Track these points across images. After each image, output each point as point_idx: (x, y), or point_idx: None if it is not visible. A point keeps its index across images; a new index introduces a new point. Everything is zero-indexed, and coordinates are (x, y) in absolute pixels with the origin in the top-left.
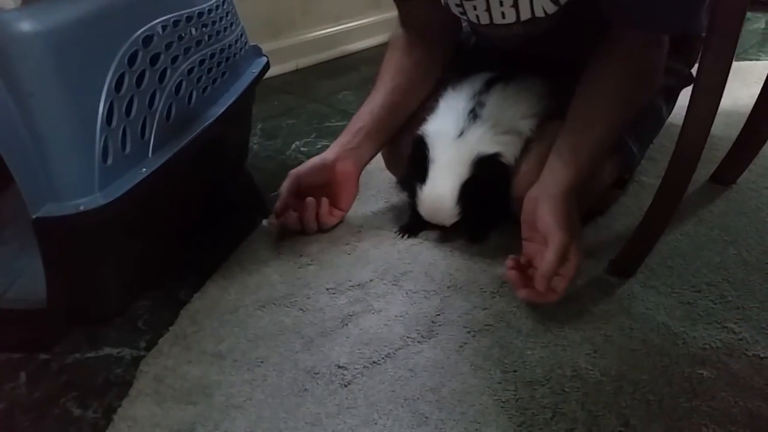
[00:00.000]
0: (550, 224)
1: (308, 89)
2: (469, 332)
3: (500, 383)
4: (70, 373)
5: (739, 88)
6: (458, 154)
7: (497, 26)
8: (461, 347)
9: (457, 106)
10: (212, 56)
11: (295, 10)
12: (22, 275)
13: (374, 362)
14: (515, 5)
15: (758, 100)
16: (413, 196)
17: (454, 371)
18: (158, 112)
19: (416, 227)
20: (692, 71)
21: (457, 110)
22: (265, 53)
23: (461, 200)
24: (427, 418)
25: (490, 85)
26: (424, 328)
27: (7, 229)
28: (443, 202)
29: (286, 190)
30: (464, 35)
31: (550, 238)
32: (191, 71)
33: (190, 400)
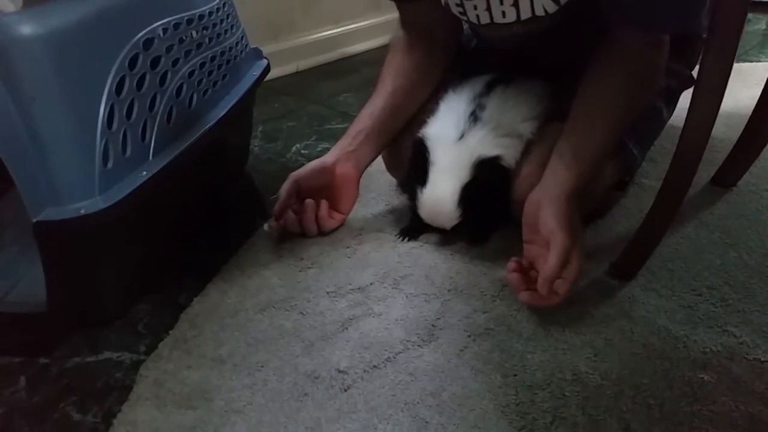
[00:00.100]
0: (552, 227)
1: (309, 91)
2: (469, 336)
3: (501, 387)
4: (69, 377)
5: (739, 89)
6: (459, 156)
7: (498, 26)
8: (462, 351)
9: (457, 108)
10: (213, 59)
11: (295, 11)
12: (22, 279)
13: (374, 366)
14: (516, 4)
15: (759, 101)
16: (414, 198)
17: (454, 375)
18: (159, 115)
19: (417, 230)
20: (693, 73)
21: (457, 113)
22: (265, 55)
23: (462, 203)
24: (427, 422)
25: (490, 87)
26: (424, 331)
27: (7, 232)
28: (444, 204)
29: (285, 192)
30: (465, 37)
31: (552, 240)
32: (192, 74)
33: (190, 404)
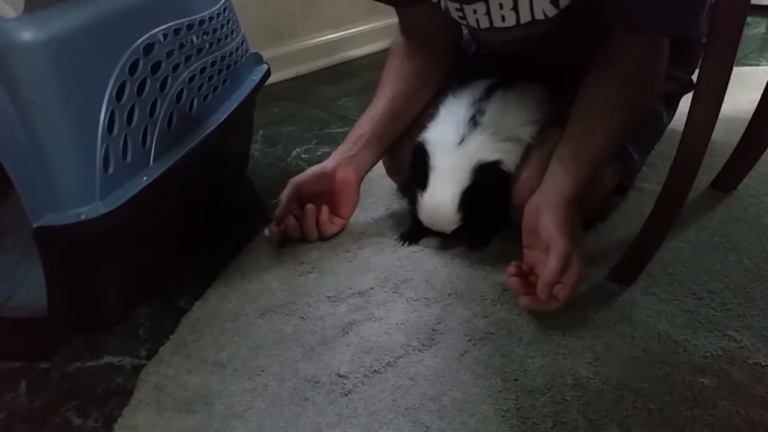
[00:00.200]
0: (552, 232)
1: (309, 96)
2: (469, 340)
3: (501, 392)
4: (70, 381)
5: (739, 93)
6: (459, 161)
7: (497, 30)
8: (462, 356)
9: (457, 113)
10: (213, 64)
11: (295, 16)
12: (22, 284)
13: (375, 371)
14: (515, 8)
15: (759, 105)
16: (414, 203)
17: (454, 380)
18: (159, 120)
19: (417, 234)
20: (693, 78)
21: (457, 117)
22: (265, 60)
23: (462, 207)
24: (428, 427)
25: (490, 92)
26: (424, 336)
27: (7, 237)
28: (444, 209)
29: (286, 198)
30: (465, 42)
31: (552, 245)
32: (192, 79)
33: (190, 409)
